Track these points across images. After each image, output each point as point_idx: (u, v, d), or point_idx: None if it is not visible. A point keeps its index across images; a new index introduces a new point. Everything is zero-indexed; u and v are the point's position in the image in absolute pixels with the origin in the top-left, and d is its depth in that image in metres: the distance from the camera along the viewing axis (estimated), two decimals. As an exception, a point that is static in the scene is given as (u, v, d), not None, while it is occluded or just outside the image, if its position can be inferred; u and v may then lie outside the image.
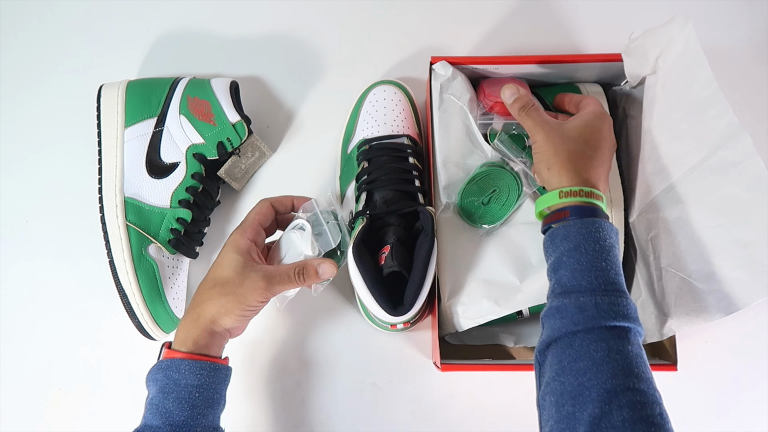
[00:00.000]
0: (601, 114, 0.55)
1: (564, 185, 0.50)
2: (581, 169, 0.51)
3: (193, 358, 0.52)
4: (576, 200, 0.50)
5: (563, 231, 0.49)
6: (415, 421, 0.66)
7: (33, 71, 0.75)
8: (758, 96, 0.73)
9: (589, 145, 0.52)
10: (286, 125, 0.73)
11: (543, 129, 0.53)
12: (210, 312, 0.53)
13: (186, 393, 0.51)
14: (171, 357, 0.52)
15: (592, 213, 0.49)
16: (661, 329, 0.57)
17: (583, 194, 0.49)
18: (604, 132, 0.54)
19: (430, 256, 0.55)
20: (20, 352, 0.69)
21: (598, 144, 0.53)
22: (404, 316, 0.55)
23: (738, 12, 0.75)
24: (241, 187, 0.71)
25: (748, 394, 0.66)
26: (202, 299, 0.54)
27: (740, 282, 0.51)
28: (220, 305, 0.53)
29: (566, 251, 0.48)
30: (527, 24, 0.75)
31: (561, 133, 0.53)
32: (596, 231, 0.47)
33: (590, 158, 0.51)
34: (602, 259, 0.46)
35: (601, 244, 0.47)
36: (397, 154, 0.63)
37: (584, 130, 0.53)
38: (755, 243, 0.51)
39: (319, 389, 0.67)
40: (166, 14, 0.76)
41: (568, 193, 0.50)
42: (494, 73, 0.64)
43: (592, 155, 0.52)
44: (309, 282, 0.56)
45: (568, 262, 0.47)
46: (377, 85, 0.68)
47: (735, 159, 0.52)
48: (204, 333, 0.53)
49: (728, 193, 0.52)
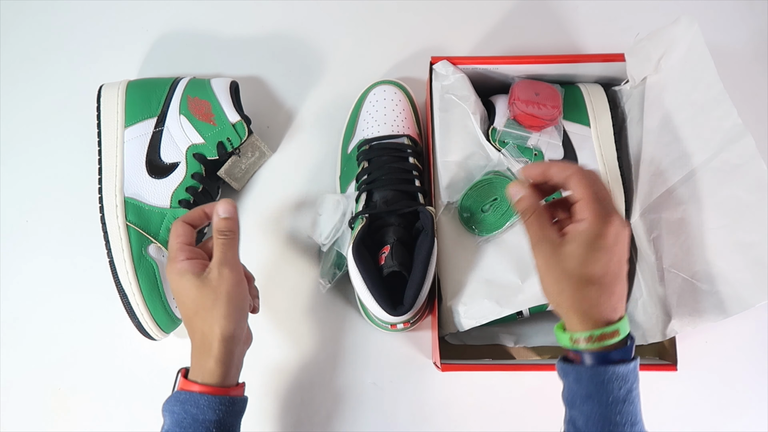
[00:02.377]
0: (606, 227, 0.44)
1: (573, 329, 0.45)
2: (592, 309, 0.44)
3: (211, 392, 0.50)
4: (587, 347, 0.45)
5: (575, 373, 0.46)
6: (415, 421, 0.66)
7: (33, 71, 0.75)
8: (758, 97, 0.73)
9: (596, 278, 0.44)
10: (286, 125, 0.73)
11: (541, 253, 0.46)
12: (214, 331, 0.50)
13: (203, 428, 0.49)
14: (188, 389, 0.50)
15: (605, 360, 0.44)
16: (663, 330, 0.57)
17: (594, 340, 0.44)
18: (611, 249, 0.44)
19: (430, 256, 0.55)
20: (20, 352, 0.68)
21: (607, 270, 0.44)
22: (404, 316, 0.55)
23: (738, 12, 0.75)
24: (241, 187, 0.71)
25: (748, 394, 0.66)
26: (197, 328, 0.51)
27: (742, 283, 0.51)
28: (215, 320, 0.50)
29: (579, 395, 0.45)
30: (527, 24, 0.75)
31: (562, 264, 0.45)
32: (608, 382, 0.44)
33: (601, 293, 0.44)
34: (616, 412, 0.44)
35: (615, 395, 0.44)
36: (397, 154, 0.63)
37: (587, 257, 0.44)
38: (757, 245, 0.50)
39: (319, 389, 0.67)
40: (166, 14, 0.76)
41: (577, 340, 0.45)
42: (495, 72, 0.64)
43: (603, 288, 0.44)
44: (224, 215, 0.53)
45: (582, 407, 0.45)
46: (377, 85, 0.68)
47: (737, 161, 0.52)
48: (220, 359, 0.50)
49: (730, 194, 0.52)
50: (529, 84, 0.62)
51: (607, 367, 0.44)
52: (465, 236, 0.62)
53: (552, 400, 0.65)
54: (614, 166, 0.62)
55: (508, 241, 0.61)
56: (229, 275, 0.51)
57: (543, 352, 0.65)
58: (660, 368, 0.59)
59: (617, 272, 0.45)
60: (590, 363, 0.45)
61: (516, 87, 0.62)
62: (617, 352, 0.45)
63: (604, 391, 0.44)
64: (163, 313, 0.63)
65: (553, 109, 0.60)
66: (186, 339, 0.68)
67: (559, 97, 0.62)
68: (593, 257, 0.44)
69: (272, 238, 0.70)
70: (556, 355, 0.65)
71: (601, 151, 0.63)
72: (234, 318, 0.51)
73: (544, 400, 0.60)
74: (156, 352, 0.68)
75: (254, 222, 0.70)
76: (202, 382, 0.50)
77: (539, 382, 0.65)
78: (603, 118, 0.64)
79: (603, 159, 0.63)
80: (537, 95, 0.61)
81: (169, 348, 0.68)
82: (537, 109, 0.60)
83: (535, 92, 0.61)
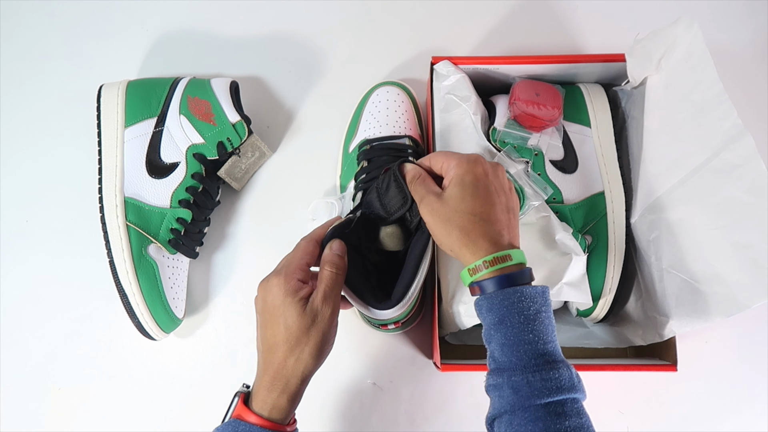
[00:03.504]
0: (470, 165, 0.50)
1: (468, 262, 0.48)
2: (479, 238, 0.47)
3: (271, 428, 0.48)
4: (486, 274, 0.47)
5: (486, 303, 0.47)
6: (415, 421, 0.66)
7: (33, 71, 0.75)
8: (758, 97, 0.73)
9: (476, 210, 0.48)
10: (286, 125, 0.73)
11: (427, 206, 0.50)
12: (298, 368, 0.48)
13: None
14: (247, 420, 0.48)
15: (507, 281, 0.46)
16: (662, 330, 0.57)
17: (488, 265, 0.47)
18: (482, 183, 0.50)
19: (424, 254, 0.54)
20: (20, 352, 0.68)
21: (484, 201, 0.49)
22: (390, 311, 0.53)
23: (738, 12, 0.75)
24: (241, 187, 0.71)
25: (748, 394, 0.66)
26: (279, 356, 0.48)
27: (741, 284, 0.51)
28: (303, 356, 0.48)
29: (492, 324, 0.46)
30: (528, 24, 0.75)
31: (444, 208, 0.49)
32: (518, 302, 0.45)
33: (483, 222, 0.48)
34: (528, 330, 0.45)
35: (525, 314, 0.45)
36: (397, 154, 0.63)
37: (463, 193, 0.49)
38: (755, 246, 0.50)
39: (319, 389, 0.67)
40: (166, 14, 0.76)
41: (474, 269, 0.47)
42: (496, 72, 0.64)
43: (484, 218, 0.48)
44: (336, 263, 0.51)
45: (496, 336, 0.46)
46: (381, 86, 0.68)
47: (737, 161, 0.52)
48: (293, 397, 0.49)
49: (729, 195, 0.52)
50: (529, 84, 0.62)
51: (515, 289, 0.46)
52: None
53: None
54: (614, 166, 0.62)
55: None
56: (328, 312, 0.49)
57: (543, 352, 0.65)
58: (660, 369, 0.59)
59: (495, 201, 0.49)
60: (494, 288, 0.46)
61: (517, 87, 0.62)
62: (518, 274, 0.47)
63: (515, 312, 0.45)
64: (163, 313, 0.63)
65: (554, 110, 0.60)
66: (186, 339, 0.68)
67: (559, 97, 0.62)
68: (468, 192, 0.49)
69: (272, 238, 0.70)
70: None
71: (602, 151, 0.63)
72: (320, 359, 0.50)
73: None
74: (156, 352, 0.68)
75: (254, 222, 0.70)
76: (269, 417, 0.48)
77: (539, 382, 0.65)
78: (603, 118, 0.64)
79: (603, 159, 0.63)
80: (538, 95, 0.61)
81: (169, 348, 0.68)
82: (537, 109, 0.60)
83: (536, 92, 0.61)
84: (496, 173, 0.51)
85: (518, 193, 0.59)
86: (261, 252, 0.69)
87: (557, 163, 0.62)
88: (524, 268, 0.47)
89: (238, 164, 0.67)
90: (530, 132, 0.61)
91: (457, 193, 0.49)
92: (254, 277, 0.59)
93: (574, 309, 0.64)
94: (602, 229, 0.61)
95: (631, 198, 0.62)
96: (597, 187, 0.62)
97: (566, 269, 0.56)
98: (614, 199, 0.61)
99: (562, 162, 0.62)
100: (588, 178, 0.62)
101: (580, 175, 0.62)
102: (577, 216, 0.61)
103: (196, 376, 0.68)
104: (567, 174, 0.62)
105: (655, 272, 0.59)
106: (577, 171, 0.62)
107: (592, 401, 0.66)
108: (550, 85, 0.63)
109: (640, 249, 0.61)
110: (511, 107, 0.62)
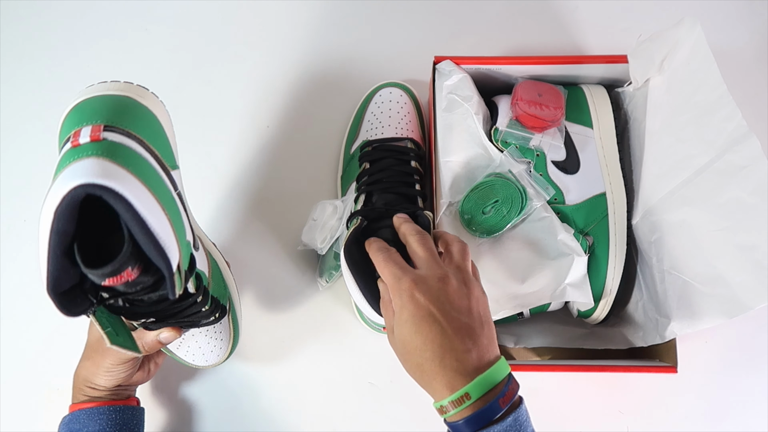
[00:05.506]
0: (403, 299, 0.46)
1: (436, 400, 0.45)
2: (434, 380, 0.44)
3: (92, 406, 0.52)
4: (454, 414, 0.43)
5: None
6: (415, 421, 0.66)
7: (32, 71, 0.74)
8: (758, 97, 0.73)
9: (425, 348, 0.44)
10: (286, 125, 0.72)
11: (389, 339, 0.49)
12: (80, 375, 0.55)
13: None
14: (71, 411, 0.54)
15: (477, 421, 0.43)
16: (663, 332, 0.57)
17: (455, 405, 0.43)
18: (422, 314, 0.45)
19: None
20: (18, 352, 0.68)
21: (428, 336, 0.44)
22: None
23: (739, 12, 0.75)
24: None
25: (748, 395, 0.66)
26: (81, 362, 0.56)
27: (743, 286, 0.51)
28: (87, 368, 0.54)
29: None
30: (530, 24, 0.75)
31: (397, 347, 0.47)
32: None
33: (436, 360, 0.44)
34: None
35: None
36: (399, 156, 0.63)
37: (407, 333, 0.45)
38: (759, 247, 0.50)
39: (318, 389, 0.67)
40: (166, 14, 0.75)
41: (441, 409, 0.44)
42: (498, 72, 0.64)
43: (437, 355, 0.44)
44: (152, 351, 0.51)
45: None
46: (384, 87, 0.68)
47: (742, 162, 0.51)
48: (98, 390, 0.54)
49: (733, 196, 0.52)
50: (532, 85, 0.62)
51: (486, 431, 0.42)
52: (466, 237, 0.61)
53: (552, 401, 0.65)
54: (616, 167, 0.62)
55: (509, 242, 0.61)
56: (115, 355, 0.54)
57: (543, 352, 0.66)
58: (660, 370, 0.59)
59: (444, 328, 0.44)
60: (467, 430, 0.43)
61: (519, 87, 0.62)
62: (486, 410, 0.42)
63: None
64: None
65: (556, 110, 0.60)
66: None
67: (562, 98, 0.62)
68: (411, 331, 0.45)
69: (272, 238, 0.69)
70: (556, 356, 0.65)
71: (604, 152, 0.63)
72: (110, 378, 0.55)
73: (543, 400, 0.60)
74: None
75: (254, 222, 0.70)
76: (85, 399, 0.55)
77: (539, 382, 0.65)
78: (605, 119, 0.64)
79: (605, 160, 0.63)
80: (540, 96, 0.61)
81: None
82: (539, 109, 0.60)
83: (538, 93, 0.61)
84: (445, 289, 0.46)
85: (520, 194, 0.59)
86: (260, 252, 0.69)
87: (559, 163, 0.62)
88: (491, 401, 0.43)
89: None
90: (532, 132, 0.61)
91: (401, 334, 0.46)
92: (254, 277, 0.59)
93: (574, 310, 0.64)
94: (603, 230, 0.61)
95: (632, 199, 0.62)
96: (599, 188, 0.62)
97: (569, 270, 0.57)
98: (616, 201, 0.61)
99: (564, 163, 0.62)
100: (590, 179, 0.62)
101: (582, 176, 0.62)
102: (578, 217, 0.61)
103: (196, 376, 0.67)
104: (569, 175, 0.62)
105: (657, 273, 0.59)
106: (579, 172, 0.62)
107: (593, 401, 0.67)
108: (552, 85, 0.63)
109: (641, 250, 0.61)
110: (513, 107, 0.62)
